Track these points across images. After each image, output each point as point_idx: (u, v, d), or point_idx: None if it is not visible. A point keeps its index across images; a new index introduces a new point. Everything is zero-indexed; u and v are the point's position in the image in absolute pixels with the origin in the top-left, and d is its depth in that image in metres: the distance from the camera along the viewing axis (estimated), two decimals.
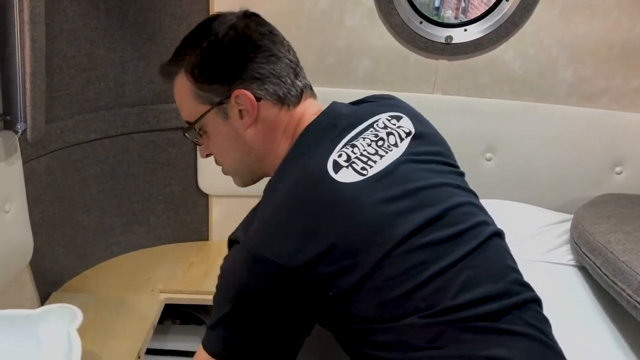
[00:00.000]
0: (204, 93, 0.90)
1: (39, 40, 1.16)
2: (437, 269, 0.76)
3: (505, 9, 1.53)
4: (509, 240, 1.38)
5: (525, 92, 1.64)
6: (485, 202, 1.60)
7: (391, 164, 0.84)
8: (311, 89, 0.98)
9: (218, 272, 0.81)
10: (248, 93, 0.87)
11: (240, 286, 0.78)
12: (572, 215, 1.51)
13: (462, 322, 0.75)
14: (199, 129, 0.93)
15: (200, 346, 0.83)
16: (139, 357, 1.32)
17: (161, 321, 1.53)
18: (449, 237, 0.79)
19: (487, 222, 0.88)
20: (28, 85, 1.18)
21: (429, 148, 0.92)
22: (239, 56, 0.88)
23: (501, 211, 1.56)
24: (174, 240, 1.75)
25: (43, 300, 1.46)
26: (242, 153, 0.93)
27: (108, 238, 1.64)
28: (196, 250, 1.73)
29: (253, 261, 0.76)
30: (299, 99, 0.93)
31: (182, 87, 0.92)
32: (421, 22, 1.55)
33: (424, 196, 0.82)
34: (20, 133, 1.23)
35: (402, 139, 0.90)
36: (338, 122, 0.90)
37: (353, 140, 0.86)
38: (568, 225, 1.49)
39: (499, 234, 0.88)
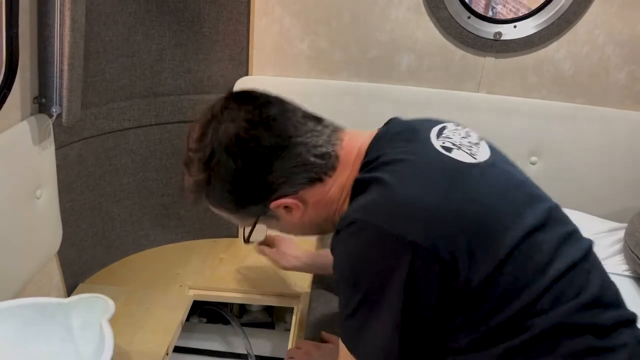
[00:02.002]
0: (245, 214, 0.86)
1: (79, 20, 1.12)
2: (563, 266, 0.73)
3: (559, 5, 1.46)
4: None
5: (575, 93, 1.56)
6: None
7: (490, 157, 0.81)
8: (338, 131, 0.89)
9: (247, 270, 0.74)
10: (282, 201, 0.83)
11: (370, 266, 0.72)
12: (624, 224, 1.43)
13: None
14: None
15: (341, 343, 0.77)
16: (167, 354, 1.27)
17: (187, 318, 1.48)
18: (566, 235, 0.77)
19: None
20: (65, 67, 1.14)
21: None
22: (255, 179, 0.82)
23: None
24: (203, 236, 1.70)
25: (70, 291, 1.43)
26: (309, 229, 0.90)
27: (137, 230, 1.60)
28: (225, 247, 1.68)
29: (383, 239, 0.70)
30: (335, 159, 0.84)
31: (222, 213, 0.89)
32: (469, 17, 1.49)
33: (531, 190, 0.80)
34: (54, 117, 1.20)
35: (478, 141, 0.86)
36: (416, 125, 0.87)
37: (443, 133, 0.82)
38: (620, 234, 1.41)
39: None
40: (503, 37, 1.50)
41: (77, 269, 1.46)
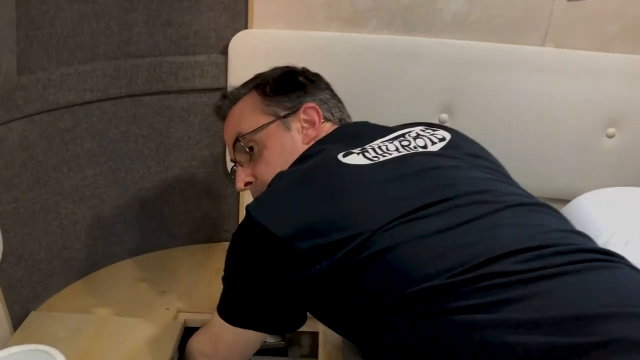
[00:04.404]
0: (273, 106, 0.98)
1: None
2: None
3: None
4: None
5: None
6: (604, 191, 1.23)
7: (405, 154, 0.85)
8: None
9: None
10: (313, 105, 0.98)
11: (236, 246, 0.84)
12: None
13: None
14: (250, 147, 0.97)
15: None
16: None
17: (180, 348, 1.15)
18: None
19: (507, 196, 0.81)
20: None
21: (462, 151, 0.90)
22: (308, 82, 1.02)
23: (630, 200, 1.18)
24: (194, 241, 1.38)
25: (18, 322, 1.08)
26: (285, 165, 0.92)
27: (107, 237, 1.26)
28: (223, 254, 1.31)
29: (249, 224, 0.79)
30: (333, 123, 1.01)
31: (248, 102, 1.01)
32: None
33: (426, 176, 0.81)
34: None
35: (433, 143, 0.90)
36: (362, 132, 0.95)
37: (372, 143, 0.89)
38: None
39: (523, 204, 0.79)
40: None
41: (27, 291, 1.11)
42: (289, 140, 0.96)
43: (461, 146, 0.91)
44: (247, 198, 1.35)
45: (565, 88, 1.26)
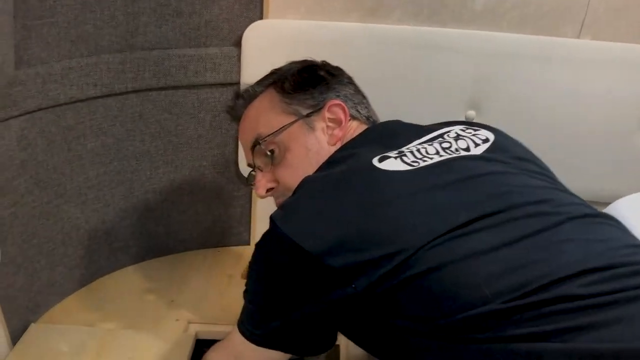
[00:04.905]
0: (292, 105, 0.90)
1: None
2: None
3: None
4: None
5: None
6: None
7: (448, 159, 0.77)
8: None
9: None
10: (338, 102, 0.90)
11: (261, 261, 0.75)
12: None
13: None
14: (270, 150, 0.89)
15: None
16: None
17: None
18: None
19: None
20: None
21: (509, 155, 0.82)
22: (330, 77, 0.93)
23: None
24: (204, 246, 1.31)
25: (16, 336, 1.01)
26: (310, 168, 0.84)
27: (112, 242, 1.18)
28: (235, 260, 1.27)
29: (275, 236, 0.71)
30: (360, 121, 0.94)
31: (265, 101, 0.94)
32: None
33: (474, 184, 0.73)
34: None
35: (476, 145, 0.83)
36: (396, 133, 0.87)
37: (409, 145, 0.82)
38: None
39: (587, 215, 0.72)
40: None
41: (27, 302, 1.04)
42: (314, 141, 0.88)
43: (508, 148, 0.83)
44: (260, 200, 1.29)
45: (603, 83, 1.18)
